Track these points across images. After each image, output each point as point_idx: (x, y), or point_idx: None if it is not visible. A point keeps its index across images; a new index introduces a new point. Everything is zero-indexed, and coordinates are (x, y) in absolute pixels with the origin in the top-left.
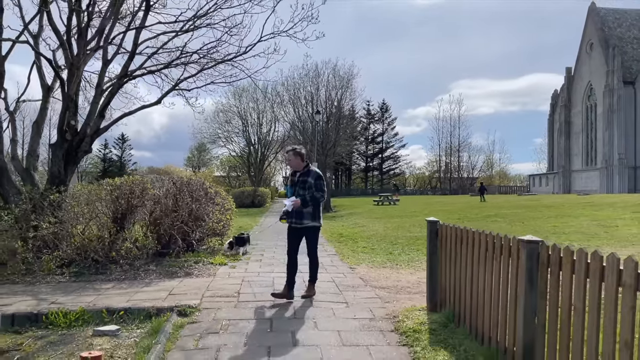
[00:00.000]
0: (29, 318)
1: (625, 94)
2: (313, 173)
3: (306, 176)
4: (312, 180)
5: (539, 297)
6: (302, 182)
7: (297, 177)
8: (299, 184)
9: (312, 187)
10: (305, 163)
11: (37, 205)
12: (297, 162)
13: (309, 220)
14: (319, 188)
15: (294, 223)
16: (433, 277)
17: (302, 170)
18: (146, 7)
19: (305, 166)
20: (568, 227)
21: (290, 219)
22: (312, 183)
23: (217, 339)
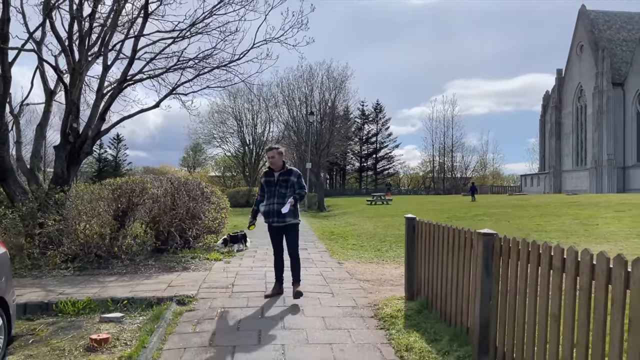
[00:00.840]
0: (39, 307)
1: (614, 96)
2: (295, 172)
3: (288, 175)
4: (294, 179)
5: (493, 282)
6: (284, 181)
7: (277, 176)
8: (279, 183)
9: (294, 185)
10: (283, 162)
11: (43, 204)
12: (279, 162)
13: (290, 218)
14: (302, 185)
15: (275, 222)
16: (410, 269)
17: (282, 170)
18: (144, 16)
19: (283, 166)
20: (550, 226)
21: (271, 218)
22: (294, 181)
23: (213, 324)
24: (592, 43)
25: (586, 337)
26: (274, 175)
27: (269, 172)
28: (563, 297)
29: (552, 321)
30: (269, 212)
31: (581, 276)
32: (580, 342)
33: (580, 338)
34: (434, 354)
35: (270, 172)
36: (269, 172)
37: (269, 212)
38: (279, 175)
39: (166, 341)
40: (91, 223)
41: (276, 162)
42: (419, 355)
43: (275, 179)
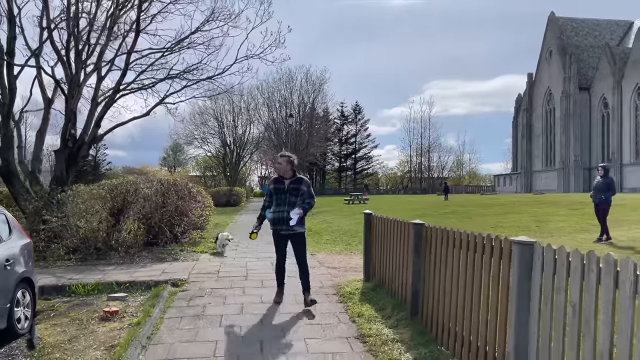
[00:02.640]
0: (54, 289)
1: (580, 99)
2: (305, 181)
3: (298, 184)
4: (305, 188)
5: (422, 261)
6: (295, 190)
7: (288, 184)
8: (290, 191)
9: (304, 194)
10: (293, 171)
11: (46, 203)
12: (288, 169)
13: (298, 227)
14: (312, 195)
15: (283, 230)
16: (367, 255)
17: (292, 178)
18: (136, 32)
19: (293, 174)
20: (509, 222)
21: (279, 225)
22: (305, 191)
23: (203, 300)
24: (560, 49)
25: (479, 296)
26: (285, 183)
27: (278, 179)
28: (465, 268)
29: (457, 287)
30: (277, 220)
31: (476, 251)
32: (472, 300)
33: (473, 296)
34: (379, 318)
35: (280, 179)
36: (279, 179)
37: (278, 219)
38: (290, 183)
39: (166, 312)
40: (90, 219)
41: (284, 170)
42: (367, 319)
43: (285, 186)
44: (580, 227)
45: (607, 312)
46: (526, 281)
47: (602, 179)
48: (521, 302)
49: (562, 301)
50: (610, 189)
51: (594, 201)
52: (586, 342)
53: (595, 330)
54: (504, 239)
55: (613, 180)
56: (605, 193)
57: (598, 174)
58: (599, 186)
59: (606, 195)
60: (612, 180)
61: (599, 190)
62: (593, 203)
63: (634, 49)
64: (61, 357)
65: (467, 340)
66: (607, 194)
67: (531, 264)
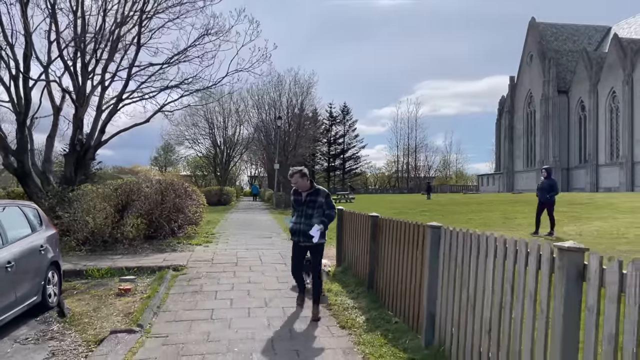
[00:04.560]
0: (73, 273)
1: (559, 102)
2: (322, 192)
3: (315, 195)
4: (322, 200)
5: (376, 246)
6: (312, 202)
7: (305, 197)
8: (307, 203)
9: (322, 205)
10: (310, 182)
11: (59, 200)
12: (304, 183)
13: (320, 238)
14: (331, 206)
15: (302, 242)
16: (339, 244)
17: (309, 190)
18: (137, 46)
19: (311, 186)
20: (479, 218)
21: (297, 237)
22: (322, 202)
23: (201, 281)
24: (540, 53)
25: (409, 268)
26: (302, 195)
27: (297, 190)
28: (401, 249)
29: (396, 263)
30: (295, 231)
31: (407, 234)
32: (405, 271)
33: (405, 269)
34: (344, 292)
35: (298, 190)
36: (297, 190)
37: (296, 231)
38: (307, 195)
39: (170, 290)
40: (98, 215)
41: (301, 184)
42: (335, 293)
43: (303, 198)
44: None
45: (475, 270)
46: (435, 253)
47: (546, 180)
48: (432, 267)
49: (453, 265)
50: (553, 189)
51: (539, 200)
52: (463, 293)
53: (468, 283)
54: (422, 224)
55: (555, 182)
56: (549, 193)
57: (542, 175)
58: (543, 186)
59: (550, 194)
60: (554, 182)
61: (543, 190)
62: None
63: (609, 53)
64: (89, 322)
65: (402, 302)
66: (550, 193)
67: (439, 242)
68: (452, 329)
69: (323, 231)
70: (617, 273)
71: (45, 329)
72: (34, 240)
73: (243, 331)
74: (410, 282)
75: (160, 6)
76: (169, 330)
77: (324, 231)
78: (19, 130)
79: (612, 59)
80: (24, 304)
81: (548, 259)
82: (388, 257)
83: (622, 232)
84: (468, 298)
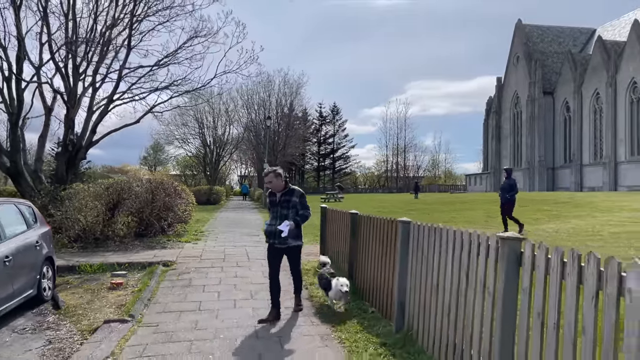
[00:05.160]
0: (66, 268)
1: (545, 103)
2: (297, 192)
3: (289, 195)
4: (296, 199)
5: (356, 241)
6: (286, 202)
7: (279, 197)
8: (281, 204)
9: (296, 205)
10: (285, 182)
11: (52, 199)
12: (278, 183)
13: (292, 240)
14: (305, 206)
15: (277, 244)
16: (323, 241)
17: (283, 190)
18: (128, 48)
19: (285, 186)
20: (462, 217)
21: (272, 239)
22: (296, 202)
23: (190, 275)
24: (526, 54)
25: (382, 260)
26: (277, 196)
27: (272, 191)
28: (377, 242)
29: (373, 255)
30: (270, 233)
31: (382, 229)
32: (379, 263)
33: (380, 261)
34: None
35: (273, 191)
36: (272, 191)
37: (271, 233)
38: (281, 195)
39: (160, 283)
40: (89, 213)
41: (275, 184)
42: (317, 286)
43: (277, 199)
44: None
45: (438, 260)
46: (405, 246)
47: (507, 181)
48: (402, 259)
49: (420, 256)
50: (512, 189)
51: (501, 200)
52: (428, 281)
53: (432, 272)
54: (394, 220)
55: (515, 182)
56: (509, 193)
57: (503, 176)
58: (503, 187)
59: (510, 194)
60: (514, 182)
61: (504, 191)
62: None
63: (593, 55)
64: (83, 313)
65: (377, 293)
66: (510, 193)
67: (408, 236)
68: (419, 314)
69: (297, 232)
70: (544, 258)
71: (41, 320)
72: (30, 236)
73: (229, 320)
74: (385, 274)
75: (150, 9)
76: (159, 320)
77: (299, 232)
78: (12, 130)
79: (596, 61)
80: (21, 297)
81: (494, 247)
82: (366, 251)
83: (598, 230)
84: (432, 286)
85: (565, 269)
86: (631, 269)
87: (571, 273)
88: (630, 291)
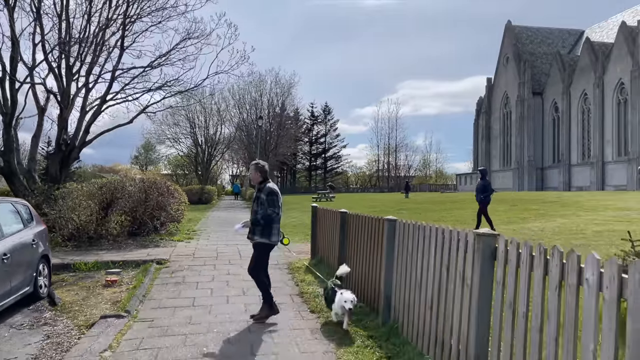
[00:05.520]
0: (61, 266)
1: (534, 104)
2: (266, 189)
3: (260, 192)
4: (264, 196)
5: (345, 238)
6: (257, 198)
7: (256, 192)
8: (255, 199)
9: (264, 203)
10: (262, 178)
11: (46, 198)
12: (255, 176)
13: (257, 236)
14: (272, 204)
15: (249, 238)
16: (314, 238)
17: (259, 185)
18: (121, 48)
19: (261, 181)
20: (451, 216)
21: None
22: (264, 199)
23: (183, 273)
24: (516, 55)
25: (370, 255)
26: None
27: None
28: (365, 239)
29: (361, 252)
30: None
31: (370, 227)
32: (367, 258)
33: (368, 256)
34: (316, 282)
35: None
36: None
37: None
38: (257, 191)
39: (154, 281)
40: (83, 212)
41: (253, 177)
42: (307, 283)
43: (255, 194)
44: (508, 220)
45: (422, 256)
46: (391, 243)
47: (481, 182)
48: (389, 255)
49: (405, 253)
50: (486, 190)
51: (476, 200)
52: (412, 276)
53: (417, 267)
54: (381, 218)
55: (489, 183)
56: (483, 193)
57: (478, 177)
58: (478, 187)
59: (484, 195)
60: (488, 183)
61: (478, 191)
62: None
63: (581, 57)
64: (79, 309)
65: (365, 288)
66: (485, 194)
67: (394, 233)
68: (404, 308)
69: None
70: (515, 252)
71: (38, 316)
72: (26, 234)
73: (222, 316)
74: (372, 270)
75: (143, 10)
76: (154, 315)
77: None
78: (5, 131)
79: (584, 62)
80: (18, 294)
81: (472, 243)
82: (355, 248)
83: (581, 229)
84: (416, 280)
85: (533, 262)
86: (587, 262)
87: (538, 265)
88: (587, 281)
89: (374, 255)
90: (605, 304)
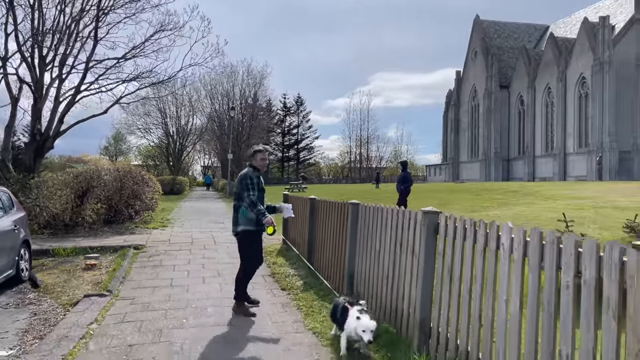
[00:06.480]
0: (40, 252)
1: (501, 97)
2: (237, 176)
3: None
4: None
5: (314, 222)
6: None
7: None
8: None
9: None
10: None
11: (22, 186)
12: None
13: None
14: (243, 189)
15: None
16: (285, 225)
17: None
18: (94, 40)
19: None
20: (416, 205)
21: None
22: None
23: (160, 257)
24: (484, 49)
25: (336, 238)
26: None
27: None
28: (332, 223)
29: (328, 235)
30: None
31: (336, 211)
32: (334, 241)
33: (334, 240)
34: (287, 264)
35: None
36: None
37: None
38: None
39: (132, 264)
40: (59, 200)
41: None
42: (279, 265)
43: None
44: (471, 209)
45: (380, 234)
46: (354, 224)
47: (402, 173)
48: (352, 236)
49: (366, 233)
50: (406, 181)
51: (397, 190)
52: (371, 253)
53: (375, 244)
54: (346, 202)
55: (409, 174)
56: (403, 184)
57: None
58: (398, 179)
59: (404, 185)
60: (408, 174)
61: (399, 182)
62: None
63: (545, 51)
64: (62, 290)
65: (332, 268)
66: (405, 184)
67: (357, 214)
68: (365, 281)
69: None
70: (452, 226)
71: (22, 297)
72: (8, 220)
73: (199, 293)
74: (338, 250)
75: (117, 2)
76: (135, 294)
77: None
78: None
79: (548, 57)
80: (1, 276)
81: (420, 220)
82: (323, 231)
83: (537, 215)
84: (375, 256)
85: (466, 233)
86: (503, 229)
87: (469, 236)
88: (503, 245)
89: (340, 237)
90: (515, 263)
